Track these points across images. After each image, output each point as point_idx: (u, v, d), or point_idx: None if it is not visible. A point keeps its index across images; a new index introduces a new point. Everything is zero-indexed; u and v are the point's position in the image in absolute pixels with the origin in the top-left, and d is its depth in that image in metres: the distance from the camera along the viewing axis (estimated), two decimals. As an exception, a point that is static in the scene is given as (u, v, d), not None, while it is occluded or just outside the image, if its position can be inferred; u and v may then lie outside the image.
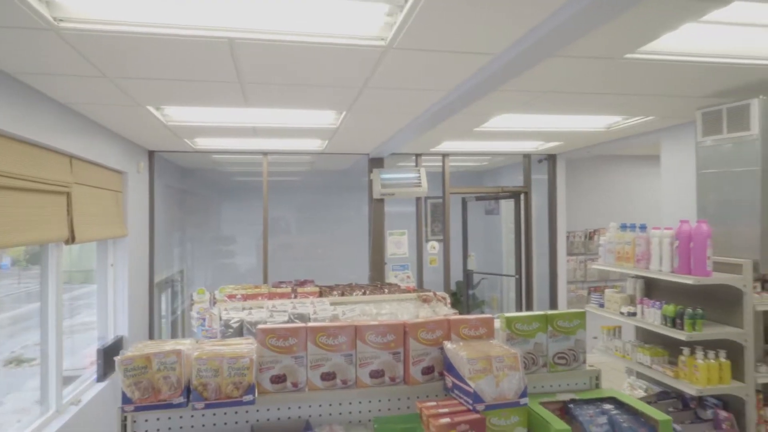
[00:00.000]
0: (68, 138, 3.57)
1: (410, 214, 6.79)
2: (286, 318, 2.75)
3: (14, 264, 3.72)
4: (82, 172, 3.88)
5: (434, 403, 1.78)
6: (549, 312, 2.15)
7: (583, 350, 2.16)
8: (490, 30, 2.29)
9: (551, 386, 2.13)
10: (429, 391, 1.99)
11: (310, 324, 1.99)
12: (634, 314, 3.82)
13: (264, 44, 2.44)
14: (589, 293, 7.01)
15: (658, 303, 3.60)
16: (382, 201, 6.34)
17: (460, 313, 2.59)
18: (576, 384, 2.15)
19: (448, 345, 1.94)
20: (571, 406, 1.97)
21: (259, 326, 1.92)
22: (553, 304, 6.83)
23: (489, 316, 2.12)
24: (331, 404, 1.92)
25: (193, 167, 7.91)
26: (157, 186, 5.89)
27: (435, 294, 3.67)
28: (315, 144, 5.56)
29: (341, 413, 1.93)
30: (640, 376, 4.13)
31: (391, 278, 6.20)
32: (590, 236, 7.22)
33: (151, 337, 5.68)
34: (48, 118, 3.28)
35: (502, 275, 8.17)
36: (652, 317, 3.63)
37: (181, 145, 5.46)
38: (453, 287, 7.93)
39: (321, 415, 1.91)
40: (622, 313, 3.89)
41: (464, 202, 7.72)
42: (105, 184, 4.39)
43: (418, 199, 6.61)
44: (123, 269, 4.86)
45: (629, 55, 2.73)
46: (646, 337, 4.08)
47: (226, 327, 2.73)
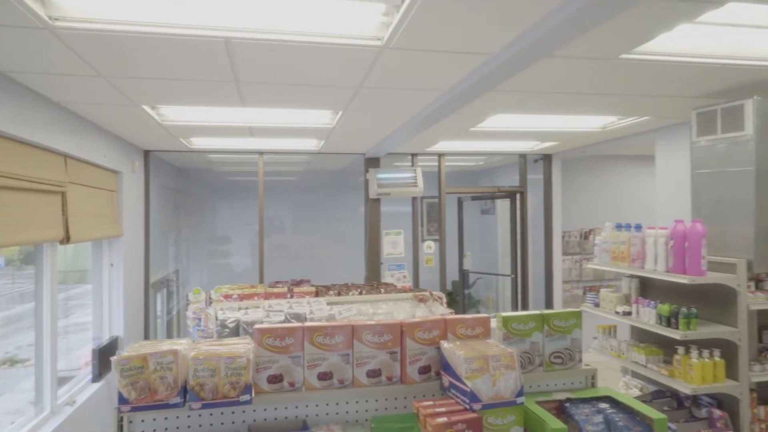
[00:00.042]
0: (63, 137, 3.55)
1: (406, 214, 6.80)
2: (282, 318, 2.74)
3: (8, 264, 3.70)
4: (77, 172, 3.86)
5: (431, 403, 1.79)
6: (545, 311, 2.16)
7: (579, 349, 2.17)
8: (486, 30, 2.30)
9: (547, 385, 2.14)
10: (426, 391, 2.00)
11: (307, 324, 1.99)
12: (629, 314, 3.83)
13: (260, 44, 2.43)
14: (585, 293, 7.05)
15: (653, 302, 3.61)
16: (378, 201, 6.35)
17: (456, 313, 2.59)
18: (572, 383, 2.16)
19: (444, 344, 1.94)
20: (567, 405, 1.98)
21: (256, 326, 1.92)
22: (549, 304, 6.85)
23: (485, 315, 2.12)
24: (328, 404, 1.92)
25: (188, 167, 7.89)
26: (153, 186, 5.87)
27: (431, 293, 3.67)
28: (311, 144, 5.55)
29: (338, 413, 1.93)
30: (635, 375, 4.15)
31: (387, 278, 6.20)
32: (585, 236, 7.25)
33: (146, 338, 5.66)
34: (43, 117, 3.27)
35: (497, 275, 8.19)
36: (647, 316, 3.64)
37: (177, 145, 5.44)
38: (449, 287, 7.94)
39: (318, 414, 1.91)
40: (617, 313, 3.91)
41: (460, 202, 7.74)
42: (100, 183, 4.37)
43: (414, 199, 6.61)
44: (118, 269, 4.84)
45: (625, 56, 2.74)
46: (641, 337, 4.10)
47: (222, 327, 2.71)
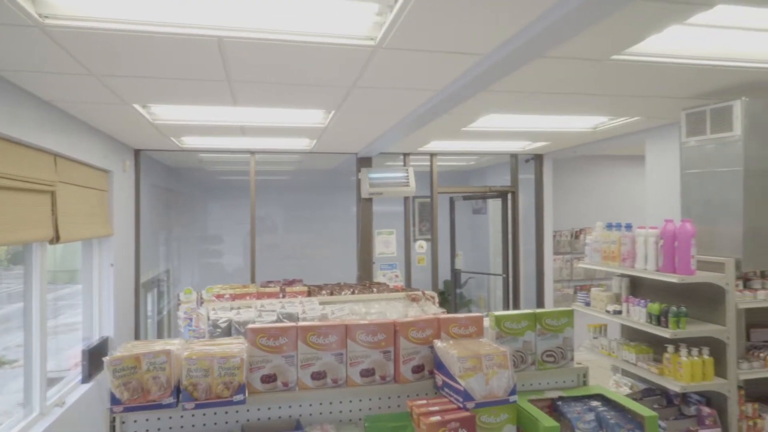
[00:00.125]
0: (53, 136, 3.52)
1: (398, 214, 6.80)
2: (274, 318, 2.73)
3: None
4: (66, 171, 3.83)
5: (425, 402, 1.79)
6: (537, 310, 2.17)
7: (571, 348, 2.19)
8: (479, 30, 2.31)
9: (540, 384, 2.15)
10: (419, 390, 2.00)
11: (301, 323, 1.98)
12: (619, 312, 3.86)
13: (253, 43, 2.43)
14: (575, 292, 7.09)
15: (643, 301, 3.65)
16: (370, 200, 6.35)
17: (448, 312, 2.60)
18: (564, 381, 2.18)
19: (438, 344, 1.95)
20: (560, 403, 1.99)
21: (250, 326, 1.92)
22: (540, 303, 6.89)
23: (478, 314, 2.14)
24: (321, 403, 1.92)
25: (179, 166, 7.84)
26: (143, 185, 5.83)
27: (423, 293, 3.68)
28: (303, 143, 5.54)
29: (332, 412, 1.93)
30: (625, 373, 4.18)
31: (379, 277, 6.20)
32: (576, 235, 7.30)
33: (137, 338, 5.62)
34: (32, 116, 3.23)
35: (489, 274, 8.22)
36: (637, 315, 3.68)
37: (168, 144, 5.41)
38: (441, 286, 7.96)
39: (312, 414, 1.91)
40: (608, 312, 3.94)
41: (452, 202, 7.76)
42: (90, 183, 4.34)
43: (406, 199, 6.62)
44: (108, 269, 4.80)
45: (616, 57, 2.76)
46: (631, 335, 4.13)
47: (214, 327, 2.70)
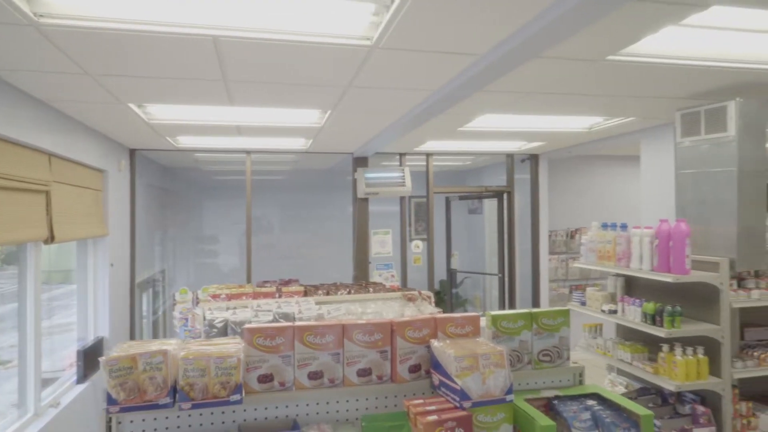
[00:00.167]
0: (47, 136, 3.50)
1: (394, 214, 6.80)
2: (270, 317, 2.73)
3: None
4: (61, 171, 3.81)
5: (421, 401, 1.80)
6: (534, 310, 2.18)
7: (567, 347, 2.20)
8: (476, 31, 2.31)
9: (536, 383, 2.16)
10: (416, 389, 2.00)
11: (298, 323, 1.98)
12: (615, 312, 3.88)
13: (249, 43, 2.42)
14: (571, 291, 7.11)
15: (638, 301, 3.66)
16: (366, 200, 6.35)
17: (444, 312, 2.60)
18: (560, 381, 2.19)
19: (435, 343, 1.95)
20: (556, 402, 2.00)
21: (246, 326, 1.91)
22: (536, 303, 6.91)
23: (475, 314, 2.14)
24: (318, 403, 1.92)
25: (174, 166, 7.82)
26: (138, 185, 5.81)
27: (420, 293, 3.69)
28: (299, 143, 5.54)
29: (329, 412, 1.93)
30: (620, 372, 4.20)
31: (375, 277, 6.20)
32: (572, 235, 7.32)
33: (132, 338, 5.60)
34: (27, 115, 3.21)
35: (485, 274, 8.23)
36: (632, 315, 3.69)
37: (163, 144, 5.39)
38: (437, 286, 7.97)
39: (308, 414, 1.91)
40: (603, 311, 3.95)
41: (448, 202, 7.77)
42: (85, 182, 4.32)
43: (402, 199, 6.63)
44: (103, 269, 4.78)
45: (611, 57, 2.77)
46: (626, 335, 4.15)
47: (210, 327, 2.70)
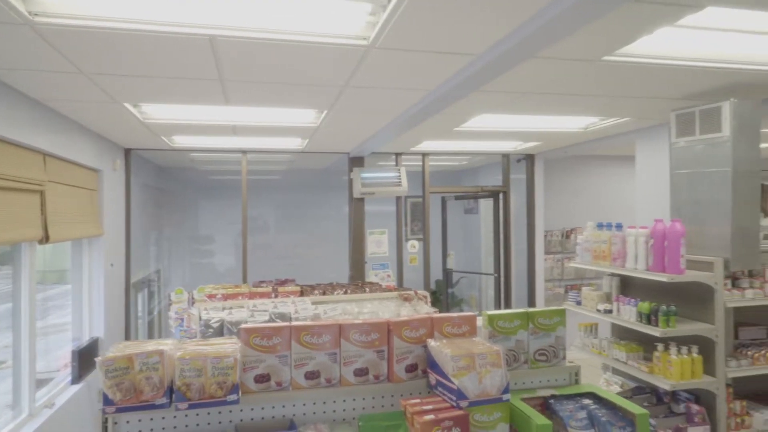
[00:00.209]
0: (42, 135, 3.48)
1: (390, 213, 6.80)
2: (267, 317, 2.72)
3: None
4: (56, 170, 3.79)
5: (418, 401, 1.80)
6: (530, 309, 2.18)
7: (563, 347, 2.20)
8: (472, 31, 2.32)
9: (532, 382, 2.16)
10: (413, 389, 2.01)
11: (294, 323, 1.98)
12: (610, 311, 3.89)
13: (245, 42, 2.42)
14: (566, 291, 7.14)
15: (633, 300, 3.68)
16: (362, 200, 6.35)
17: (440, 312, 2.61)
18: (556, 380, 2.19)
19: (431, 343, 1.96)
20: (552, 401, 2.01)
21: (243, 325, 1.91)
22: (531, 302, 6.93)
23: (471, 314, 2.15)
24: (315, 403, 1.92)
25: (170, 165, 7.80)
26: (134, 184, 5.79)
27: (416, 292, 3.69)
28: (295, 143, 5.53)
29: (325, 412, 1.93)
30: (615, 371, 4.22)
31: (371, 277, 6.21)
32: (567, 235, 7.34)
33: (127, 338, 5.58)
34: (21, 114, 3.20)
35: (481, 274, 8.25)
36: (627, 314, 3.71)
37: (158, 143, 5.37)
38: (432, 286, 7.97)
39: (305, 414, 1.90)
40: (598, 311, 3.96)
41: (444, 202, 7.78)
42: (80, 182, 4.30)
43: (398, 199, 6.63)
44: (98, 269, 4.76)
45: (607, 58, 2.78)
46: (621, 334, 4.16)
47: (206, 327, 2.69)
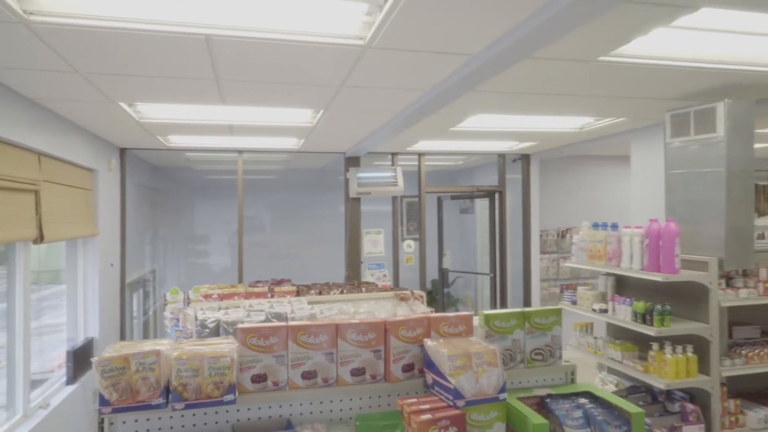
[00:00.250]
0: (37, 135, 3.47)
1: (386, 213, 6.81)
2: (263, 317, 2.72)
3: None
4: (51, 170, 3.78)
5: (415, 400, 1.80)
6: (526, 309, 2.19)
7: (560, 346, 2.21)
8: (469, 31, 2.32)
9: (528, 381, 2.17)
10: (409, 389, 2.01)
11: (291, 323, 1.98)
12: (605, 311, 3.91)
13: (241, 42, 2.41)
14: (562, 291, 7.16)
15: (628, 300, 3.69)
16: (358, 200, 6.35)
17: (436, 311, 2.61)
18: (552, 379, 2.20)
19: (428, 342, 1.96)
20: (548, 400, 2.01)
21: (240, 325, 1.91)
22: (527, 302, 6.94)
23: (468, 313, 2.15)
24: (312, 403, 1.92)
25: (165, 165, 7.77)
26: (129, 184, 5.77)
27: (412, 292, 3.69)
28: (291, 142, 5.52)
29: (322, 411, 1.93)
30: (611, 371, 4.24)
31: (367, 277, 6.21)
32: (562, 235, 7.36)
33: (122, 339, 5.56)
34: (16, 114, 3.18)
35: (476, 273, 8.26)
36: (622, 314, 3.72)
37: (154, 143, 5.36)
38: (428, 286, 7.98)
39: (302, 413, 1.90)
40: (594, 310, 3.98)
41: (440, 201, 7.78)
42: (75, 182, 4.28)
43: (394, 198, 6.63)
44: (93, 269, 4.74)
45: (602, 58, 2.79)
46: (617, 333, 4.18)
47: (202, 327, 2.68)
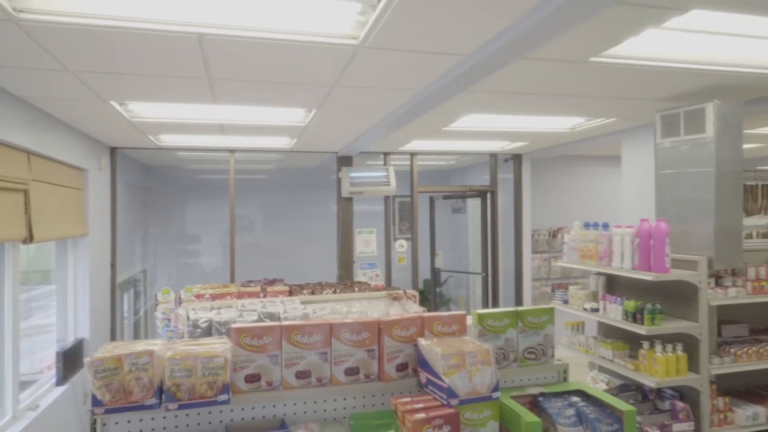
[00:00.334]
0: (26, 133, 3.43)
1: (379, 213, 6.81)
2: (255, 317, 2.71)
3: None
4: (40, 169, 3.74)
5: (409, 399, 1.80)
6: (519, 308, 2.20)
7: (552, 345, 2.23)
8: (461, 31, 2.33)
9: (521, 380, 2.18)
10: (403, 388, 2.01)
11: (285, 322, 1.98)
12: (596, 310, 3.94)
13: (234, 41, 2.41)
14: (553, 290, 7.20)
15: (619, 299, 3.72)
16: (350, 199, 6.34)
17: (428, 311, 2.62)
18: (545, 378, 2.22)
19: (422, 342, 1.96)
20: (541, 399, 2.02)
21: (233, 325, 1.90)
22: (519, 301, 6.97)
23: (462, 312, 2.16)
24: (306, 402, 1.92)
25: (156, 164, 7.72)
26: (119, 183, 5.73)
27: (405, 292, 3.70)
28: (283, 142, 5.51)
29: (316, 411, 1.93)
30: (602, 369, 4.27)
31: (359, 276, 6.21)
32: (554, 234, 7.40)
33: (113, 339, 5.52)
34: (4, 112, 3.15)
35: (468, 273, 8.28)
36: (613, 313, 3.75)
37: (145, 142, 5.32)
38: (421, 285, 7.99)
39: (296, 413, 1.90)
40: (585, 309, 4.01)
41: (432, 201, 7.80)
42: (65, 181, 4.24)
43: (386, 198, 6.63)
44: (84, 269, 4.70)
45: (594, 59, 2.81)
46: (608, 332, 4.22)
47: (194, 327, 2.67)
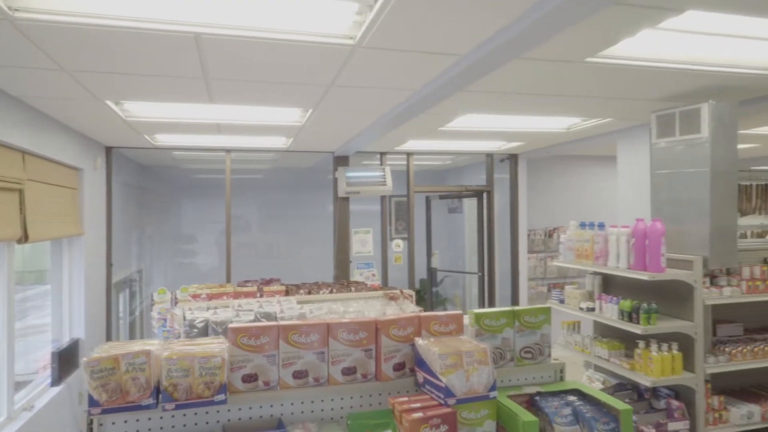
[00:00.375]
0: (21, 133, 3.42)
1: (375, 213, 6.81)
2: (252, 317, 2.71)
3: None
4: (35, 169, 3.72)
5: (406, 399, 1.80)
6: (516, 308, 2.21)
7: (549, 344, 2.23)
8: (458, 31, 2.33)
9: (518, 380, 2.19)
10: (401, 387, 2.02)
11: (282, 322, 1.98)
12: (592, 309, 3.95)
13: (231, 40, 2.40)
14: (549, 290, 7.22)
15: (615, 298, 3.74)
16: (347, 199, 6.34)
17: (424, 311, 2.62)
18: (542, 377, 2.22)
19: (419, 341, 1.97)
20: (537, 398, 2.03)
21: (231, 325, 1.90)
22: (515, 301, 6.99)
23: (459, 312, 2.16)
24: (303, 402, 1.92)
25: (152, 164, 7.70)
26: (115, 183, 5.71)
27: (402, 291, 3.70)
28: (279, 141, 5.50)
29: (313, 411, 1.93)
30: (597, 369, 4.28)
31: (356, 276, 6.20)
32: (550, 234, 7.42)
33: (108, 339, 5.50)
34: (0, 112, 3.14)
35: (465, 273, 8.29)
36: (609, 312, 3.77)
37: (141, 141, 5.30)
38: (417, 285, 8.00)
39: (293, 413, 1.90)
40: (581, 309, 4.02)
41: (428, 201, 7.81)
42: (60, 181, 4.23)
43: (382, 198, 6.63)
44: (79, 269, 4.69)
45: (590, 59, 2.82)
46: (604, 332, 4.23)
47: (190, 327, 2.66)
